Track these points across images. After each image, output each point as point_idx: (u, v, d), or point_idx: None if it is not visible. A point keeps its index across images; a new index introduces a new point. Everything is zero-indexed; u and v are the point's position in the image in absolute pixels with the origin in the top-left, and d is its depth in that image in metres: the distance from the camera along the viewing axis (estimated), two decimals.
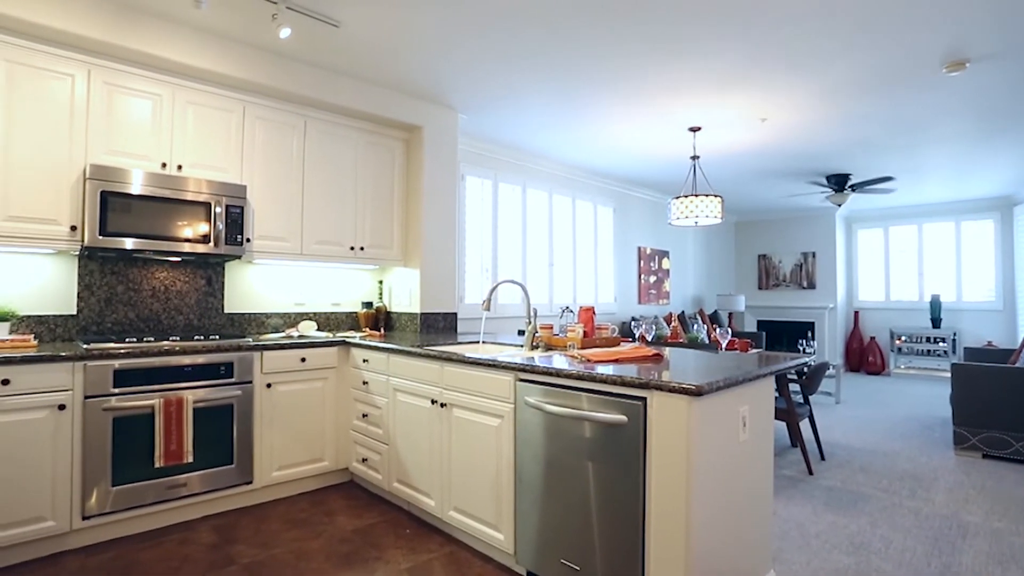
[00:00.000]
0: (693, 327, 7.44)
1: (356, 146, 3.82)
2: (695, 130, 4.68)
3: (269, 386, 3.04)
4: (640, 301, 7.39)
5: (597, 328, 2.90)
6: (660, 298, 7.77)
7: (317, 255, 3.60)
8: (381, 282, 4.27)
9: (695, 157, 4.89)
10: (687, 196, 4.64)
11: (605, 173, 6.48)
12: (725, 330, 4.44)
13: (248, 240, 3.29)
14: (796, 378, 4.24)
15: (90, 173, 2.69)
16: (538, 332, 2.82)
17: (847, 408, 5.88)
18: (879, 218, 8.77)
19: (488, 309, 2.83)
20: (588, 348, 2.62)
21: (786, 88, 3.78)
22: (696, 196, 4.59)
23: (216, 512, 2.90)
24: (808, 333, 8.64)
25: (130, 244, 2.80)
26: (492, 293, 2.85)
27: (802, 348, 5.39)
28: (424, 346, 2.83)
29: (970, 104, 4.04)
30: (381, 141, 3.96)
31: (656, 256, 7.73)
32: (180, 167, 3.05)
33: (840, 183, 6.37)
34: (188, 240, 2.98)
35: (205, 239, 3.03)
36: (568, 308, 3.66)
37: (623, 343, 2.93)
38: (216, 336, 3.04)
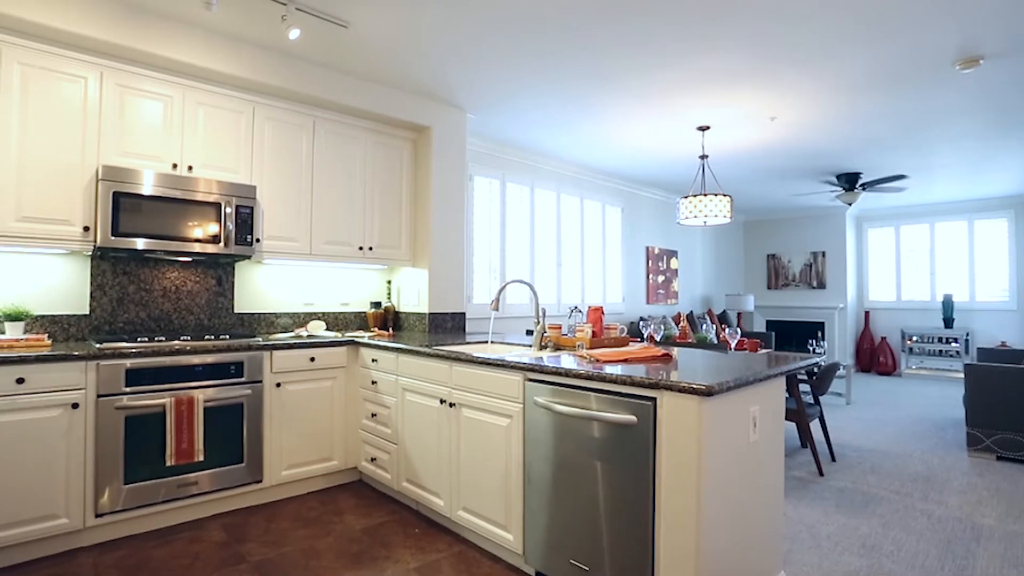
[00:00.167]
0: (702, 327, 7.40)
1: (365, 146, 3.83)
2: (704, 129, 4.66)
3: (279, 385, 3.06)
4: (648, 301, 7.37)
5: (606, 328, 2.90)
6: (669, 298, 7.74)
7: (326, 255, 3.61)
8: (390, 282, 4.28)
9: (704, 156, 4.86)
10: (696, 195, 4.62)
11: (613, 173, 6.46)
12: (734, 330, 4.41)
13: (258, 240, 3.31)
14: (806, 378, 4.21)
15: (102, 174, 2.72)
16: (547, 332, 2.82)
17: (858, 409, 5.83)
18: (890, 217, 8.69)
19: (496, 309, 2.83)
20: (597, 348, 2.62)
21: (795, 86, 3.75)
22: (705, 195, 4.58)
23: (226, 510, 2.92)
24: (818, 333, 8.57)
25: (142, 244, 2.82)
26: (500, 293, 2.85)
27: (812, 348, 5.36)
28: (433, 346, 2.83)
29: (983, 101, 3.99)
30: (390, 141, 3.97)
31: (665, 256, 7.70)
32: (191, 168, 3.08)
33: (851, 182, 6.31)
34: (199, 240, 3.00)
35: (215, 239, 3.05)
36: (576, 308, 3.66)
37: (632, 343, 2.92)
38: (226, 336, 3.06)
